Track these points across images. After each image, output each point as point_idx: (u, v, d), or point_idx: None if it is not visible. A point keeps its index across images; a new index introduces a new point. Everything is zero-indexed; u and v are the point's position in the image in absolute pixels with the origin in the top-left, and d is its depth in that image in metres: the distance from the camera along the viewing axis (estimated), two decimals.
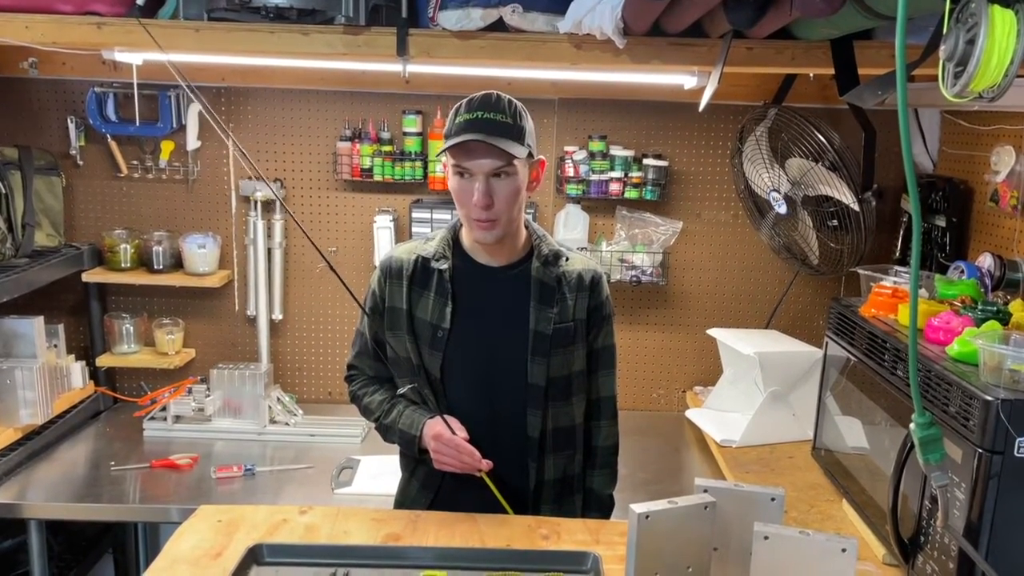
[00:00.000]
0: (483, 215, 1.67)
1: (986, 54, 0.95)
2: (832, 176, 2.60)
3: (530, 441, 1.79)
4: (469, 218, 1.70)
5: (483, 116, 1.65)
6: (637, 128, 3.04)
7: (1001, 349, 1.49)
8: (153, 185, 3.05)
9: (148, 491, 2.47)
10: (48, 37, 2.22)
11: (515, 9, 2.12)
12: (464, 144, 1.63)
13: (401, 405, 1.83)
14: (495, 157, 1.64)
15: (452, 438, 1.72)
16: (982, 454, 1.44)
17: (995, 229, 2.49)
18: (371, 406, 1.88)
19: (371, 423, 1.91)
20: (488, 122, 1.64)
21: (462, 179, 1.68)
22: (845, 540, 1.28)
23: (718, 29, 2.02)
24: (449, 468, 1.75)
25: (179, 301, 3.13)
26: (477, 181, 1.65)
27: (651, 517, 1.34)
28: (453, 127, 1.67)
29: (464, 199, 1.69)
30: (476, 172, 1.65)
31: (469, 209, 1.68)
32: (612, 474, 1.94)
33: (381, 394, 1.87)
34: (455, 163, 1.67)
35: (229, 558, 1.56)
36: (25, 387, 2.57)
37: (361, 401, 1.92)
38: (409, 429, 1.79)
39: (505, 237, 1.74)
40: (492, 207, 1.66)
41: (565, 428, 1.84)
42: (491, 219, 1.68)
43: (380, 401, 1.87)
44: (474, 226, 1.70)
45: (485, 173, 1.65)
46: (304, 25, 2.16)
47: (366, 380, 1.92)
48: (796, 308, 3.15)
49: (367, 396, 1.90)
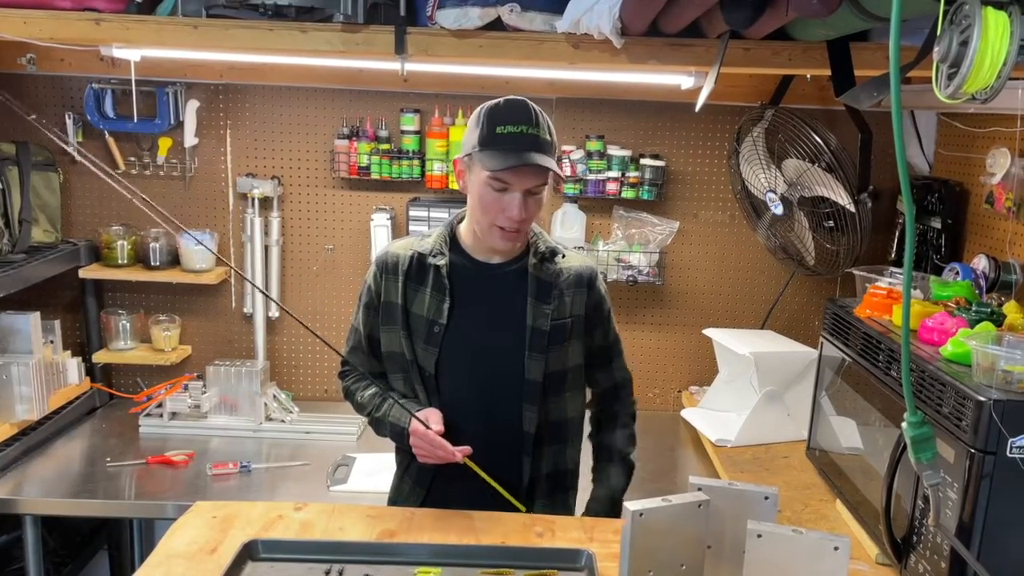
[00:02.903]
0: (515, 227, 1.71)
1: (979, 56, 0.96)
2: (828, 177, 2.61)
3: (525, 436, 1.80)
4: (493, 226, 1.72)
5: (528, 132, 1.66)
6: (634, 128, 3.04)
7: (994, 350, 1.50)
8: (151, 181, 3.05)
9: (144, 487, 2.47)
10: (46, 33, 2.22)
11: (513, 8, 2.13)
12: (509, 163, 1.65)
13: (392, 399, 1.84)
14: (539, 176, 1.68)
15: (425, 432, 1.73)
16: (975, 454, 1.45)
17: (990, 231, 2.50)
18: (363, 401, 1.90)
19: (364, 418, 1.93)
20: (534, 140, 1.66)
21: (496, 191, 1.68)
22: (838, 539, 1.29)
23: (715, 29, 2.03)
24: (429, 462, 1.77)
25: (176, 298, 3.13)
26: (516, 195, 1.68)
27: (645, 515, 1.35)
28: (494, 138, 1.67)
29: (494, 209, 1.70)
30: (518, 188, 1.67)
31: (496, 218, 1.70)
32: (632, 435, 1.98)
33: (373, 388, 1.88)
34: (496, 177, 1.67)
35: (224, 554, 1.57)
36: (21, 383, 2.57)
37: (354, 397, 1.93)
38: (399, 422, 1.80)
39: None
40: (525, 221, 1.71)
41: (558, 422, 1.86)
42: (521, 231, 1.73)
43: (372, 395, 1.88)
44: (499, 235, 1.73)
45: (526, 188, 1.68)
46: (302, 23, 2.16)
47: (358, 375, 1.93)
48: (792, 308, 3.16)
49: (359, 392, 1.91)
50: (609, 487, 1.91)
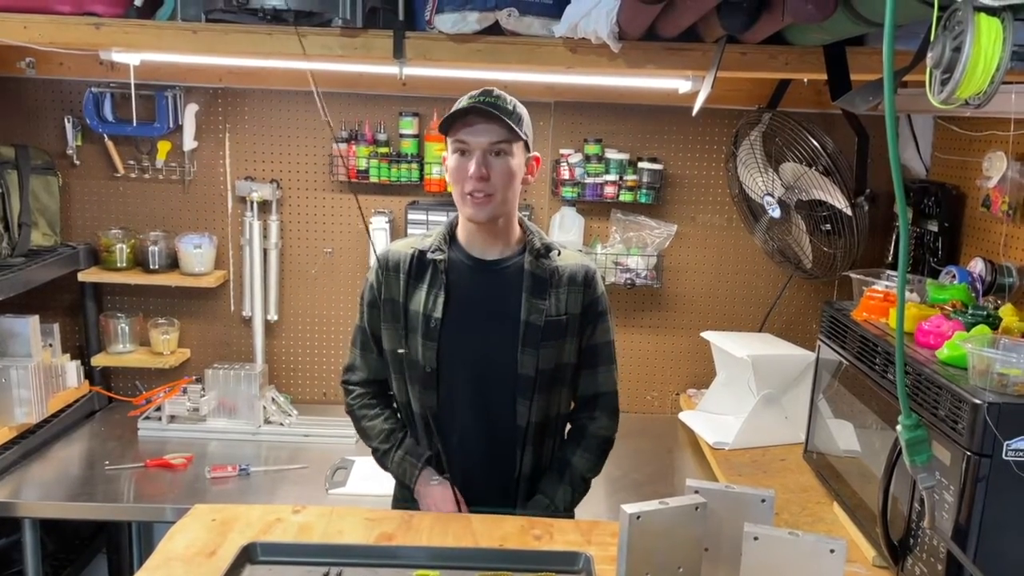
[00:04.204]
0: (479, 187, 1.72)
1: (972, 61, 0.96)
2: (825, 181, 2.62)
3: (518, 430, 1.83)
4: (464, 195, 1.75)
5: (484, 99, 1.73)
6: (632, 131, 3.05)
7: (990, 353, 1.51)
8: (150, 185, 3.05)
9: (142, 490, 2.47)
10: (46, 37, 2.22)
11: (511, 13, 2.13)
12: (465, 119, 1.71)
13: (399, 447, 1.88)
14: (495, 132, 1.72)
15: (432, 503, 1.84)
16: (971, 457, 1.45)
17: (986, 234, 2.50)
18: (370, 432, 1.93)
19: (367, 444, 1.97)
20: (489, 103, 1.72)
21: (461, 156, 1.74)
22: (834, 541, 1.29)
23: (712, 34, 2.04)
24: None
25: (174, 301, 3.13)
26: (475, 156, 1.72)
27: (642, 517, 1.35)
28: (454, 112, 1.73)
29: (460, 176, 1.75)
30: (475, 148, 1.72)
31: (465, 185, 1.74)
32: (596, 461, 1.91)
33: (381, 422, 1.91)
34: (455, 139, 1.74)
35: (223, 557, 1.57)
36: (20, 386, 2.57)
37: (360, 422, 1.95)
38: (402, 477, 1.89)
39: (498, 223, 1.79)
40: (488, 180, 1.72)
41: (552, 417, 1.88)
42: (486, 193, 1.73)
43: (379, 432, 1.91)
44: (468, 202, 1.75)
45: (484, 149, 1.72)
46: (301, 27, 2.16)
47: (364, 397, 1.95)
48: (789, 311, 3.17)
49: (366, 420, 1.93)
50: (552, 501, 1.86)
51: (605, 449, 1.93)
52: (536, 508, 1.86)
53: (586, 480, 1.91)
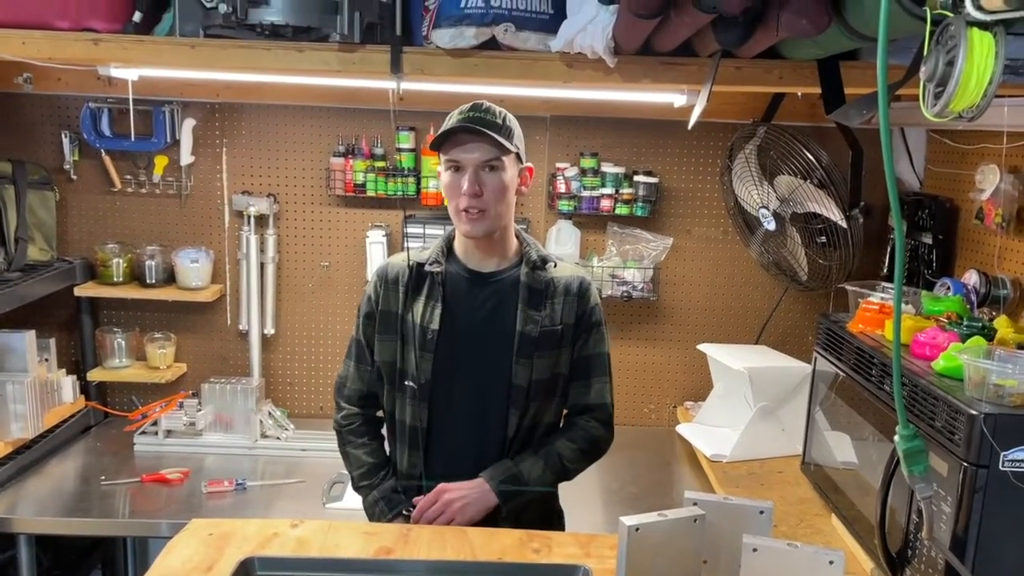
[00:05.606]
0: (473, 203, 1.74)
1: (965, 75, 0.98)
2: (820, 193, 2.64)
3: (506, 440, 1.84)
4: (458, 211, 1.77)
5: (474, 116, 1.75)
6: (628, 145, 3.07)
7: (985, 364, 1.51)
8: (146, 200, 3.06)
9: (138, 506, 2.46)
10: (44, 53, 2.23)
11: (508, 28, 2.15)
12: (456, 138, 1.73)
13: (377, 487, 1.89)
14: (485, 149, 1.73)
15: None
16: (967, 468, 1.46)
17: (980, 246, 2.52)
18: (352, 461, 1.95)
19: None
20: (479, 120, 1.74)
21: (454, 173, 1.76)
22: (832, 552, 1.30)
23: (707, 49, 2.05)
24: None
25: (171, 316, 3.13)
26: (467, 173, 1.74)
27: (641, 530, 1.35)
28: (446, 130, 1.75)
29: (454, 192, 1.77)
30: (467, 164, 1.74)
31: (459, 202, 1.75)
32: (580, 453, 1.87)
33: (364, 454, 1.92)
34: (447, 158, 1.76)
35: (220, 572, 1.56)
36: (16, 401, 2.57)
37: (344, 447, 1.97)
38: (371, 517, 1.90)
39: (494, 236, 1.81)
40: (481, 196, 1.74)
41: (539, 426, 1.88)
42: (480, 208, 1.75)
43: (361, 465, 1.92)
44: (463, 218, 1.77)
45: (475, 165, 1.74)
46: (299, 42, 2.18)
47: (353, 421, 1.95)
48: (785, 324, 3.18)
49: (351, 447, 1.95)
50: (516, 466, 1.81)
51: (592, 447, 1.89)
52: (499, 469, 1.81)
53: (563, 461, 1.84)
